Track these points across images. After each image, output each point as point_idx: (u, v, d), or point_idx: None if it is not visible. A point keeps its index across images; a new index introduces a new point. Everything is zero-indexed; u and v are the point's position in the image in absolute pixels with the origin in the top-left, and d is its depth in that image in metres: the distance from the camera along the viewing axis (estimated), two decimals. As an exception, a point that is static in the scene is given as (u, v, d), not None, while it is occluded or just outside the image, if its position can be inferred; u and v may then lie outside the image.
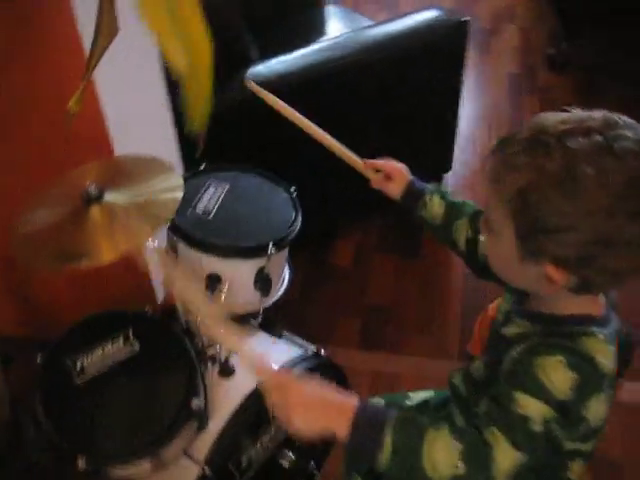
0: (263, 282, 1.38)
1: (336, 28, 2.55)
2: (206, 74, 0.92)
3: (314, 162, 2.03)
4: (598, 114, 0.81)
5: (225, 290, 1.35)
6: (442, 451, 0.79)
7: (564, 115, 0.82)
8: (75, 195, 1.15)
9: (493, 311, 1.72)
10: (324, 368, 1.41)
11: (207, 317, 1.06)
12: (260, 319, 1.43)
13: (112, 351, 1.20)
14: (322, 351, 1.42)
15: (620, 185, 0.75)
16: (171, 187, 1.19)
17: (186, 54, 0.88)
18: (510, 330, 0.95)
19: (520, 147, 0.80)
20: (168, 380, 1.18)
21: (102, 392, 1.18)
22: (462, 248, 1.13)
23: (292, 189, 1.46)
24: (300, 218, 1.41)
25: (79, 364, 1.19)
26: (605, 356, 0.83)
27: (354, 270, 2.31)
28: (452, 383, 1.10)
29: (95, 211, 1.13)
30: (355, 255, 2.35)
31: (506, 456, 0.79)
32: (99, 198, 1.14)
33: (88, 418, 1.16)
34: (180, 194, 1.16)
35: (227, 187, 1.44)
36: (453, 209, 1.13)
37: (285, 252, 1.44)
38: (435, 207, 1.14)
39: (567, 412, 0.80)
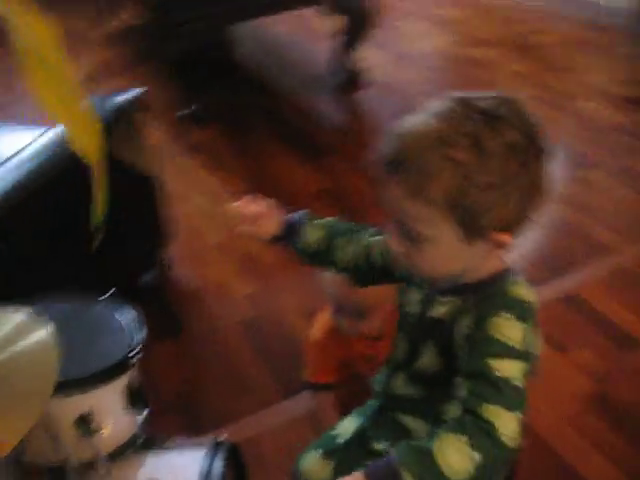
0: (135, 397, 1.22)
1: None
2: (99, 159, 0.81)
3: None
4: (442, 102, 0.88)
5: (102, 427, 1.16)
6: (454, 455, 0.80)
7: (421, 118, 0.88)
8: None
9: (319, 332, 1.76)
10: (231, 452, 1.30)
11: None
12: (143, 438, 1.25)
13: None
14: (222, 437, 1.31)
15: (520, 139, 0.85)
16: (24, 327, 0.98)
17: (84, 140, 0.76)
18: (438, 311, 1.00)
19: (423, 157, 0.83)
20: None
21: None
22: (344, 265, 1.14)
23: (111, 291, 1.31)
24: (141, 311, 1.28)
25: None
26: (532, 295, 0.94)
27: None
28: (395, 394, 1.11)
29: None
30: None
31: (508, 423, 0.82)
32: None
33: None
34: (45, 329, 0.97)
35: (43, 320, 1.22)
36: (330, 231, 1.13)
37: (138, 356, 1.29)
38: (314, 233, 1.13)
39: (529, 357, 0.89)
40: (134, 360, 1.18)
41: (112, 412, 1.18)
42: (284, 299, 2.36)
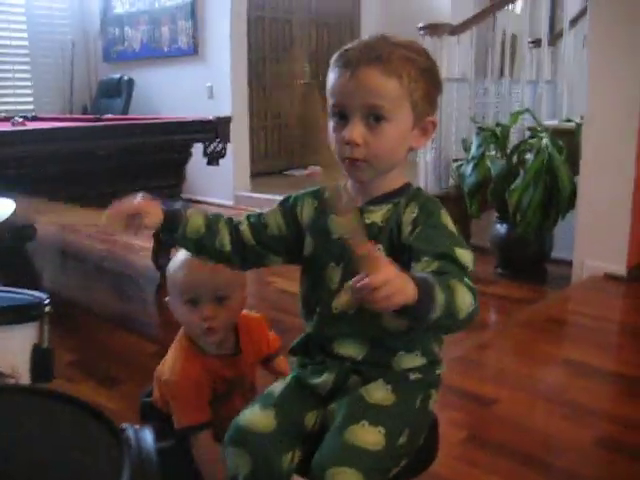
0: (43, 361, 1.09)
1: None
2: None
3: None
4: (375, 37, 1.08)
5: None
6: (465, 297, 0.94)
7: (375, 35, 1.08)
8: None
9: (177, 374, 1.56)
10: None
11: None
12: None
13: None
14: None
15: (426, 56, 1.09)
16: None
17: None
18: (373, 218, 1.10)
19: (397, 51, 1.03)
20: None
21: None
22: (227, 248, 1.15)
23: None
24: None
25: None
26: None
27: None
28: (334, 315, 1.12)
29: None
30: None
31: (472, 294, 0.97)
32: None
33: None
34: None
35: None
36: (209, 217, 1.14)
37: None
38: (196, 218, 1.12)
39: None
40: (46, 310, 1.09)
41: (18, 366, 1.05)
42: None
